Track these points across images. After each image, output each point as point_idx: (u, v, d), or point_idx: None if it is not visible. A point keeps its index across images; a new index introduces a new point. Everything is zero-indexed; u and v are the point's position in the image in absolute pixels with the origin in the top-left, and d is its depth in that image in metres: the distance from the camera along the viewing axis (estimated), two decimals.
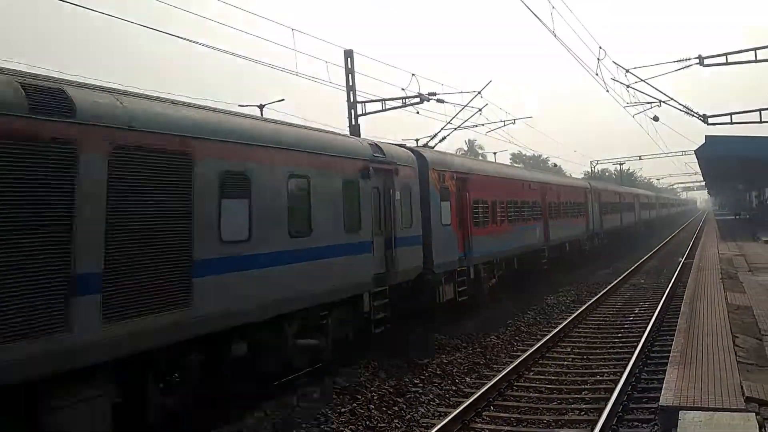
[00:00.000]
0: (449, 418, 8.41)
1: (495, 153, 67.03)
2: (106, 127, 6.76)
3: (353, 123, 26.07)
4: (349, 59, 25.42)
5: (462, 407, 8.79)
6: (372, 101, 26.64)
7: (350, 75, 25.36)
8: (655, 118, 29.76)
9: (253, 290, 8.63)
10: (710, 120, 26.76)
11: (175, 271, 7.42)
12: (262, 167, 9.02)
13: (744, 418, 5.69)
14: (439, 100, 26.63)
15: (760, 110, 26.64)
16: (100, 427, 6.64)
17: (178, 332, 7.45)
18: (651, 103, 27.87)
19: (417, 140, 31.91)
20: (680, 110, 26.22)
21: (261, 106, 26.03)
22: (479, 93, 27.64)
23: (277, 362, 9.76)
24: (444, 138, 30.38)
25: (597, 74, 23.59)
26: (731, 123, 27.19)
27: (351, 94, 25.58)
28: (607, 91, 25.09)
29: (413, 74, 24.55)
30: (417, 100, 25.86)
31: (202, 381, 8.35)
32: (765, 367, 7.72)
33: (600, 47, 23.30)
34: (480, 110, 29.84)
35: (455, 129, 30.45)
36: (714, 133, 36.41)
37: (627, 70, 25.57)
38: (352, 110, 26.03)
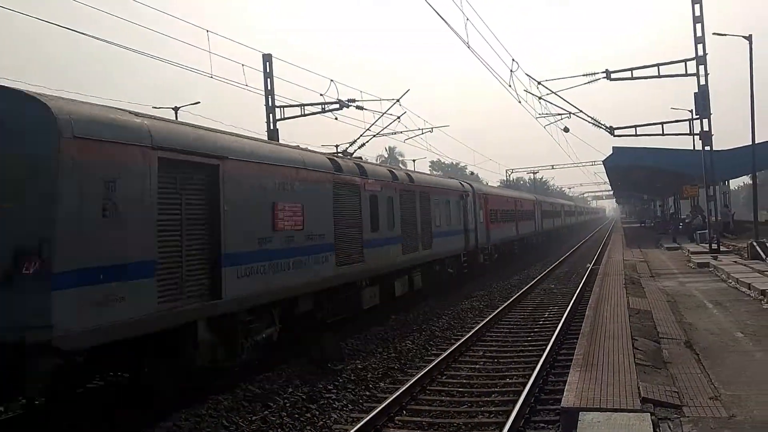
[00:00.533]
0: (361, 423, 8.44)
1: (414, 160, 67.92)
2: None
3: (272, 128, 25.90)
4: (267, 63, 25.24)
5: (374, 412, 8.83)
6: (291, 106, 26.54)
7: (269, 79, 25.19)
8: (566, 129, 30.92)
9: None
10: (616, 132, 28.02)
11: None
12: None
13: (639, 418, 5.97)
14: (358, 107, 26.77)
15: (662, 123, 28.08)
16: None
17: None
18: (561, 114, 28.91)
19: (336, 146, 31.98)
20: (588, 122, 27.33)
21: (176, 109, 25.44)
22: (398, 101, 27.91)
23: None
24: (363, 144, 30.58)
25: (510, 85, 24.30)
26: (636, 135, 28.52)
27: (269, 99, 25.41)
28: (520, 102, 25.90)
29: (332, 80, 24.60)
30: (336, 106, 25.95)
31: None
32: (661, 369, 8.12)
33: (513, 59, 24.01)
34: (398, 118, 30.14)
35: (374, 136, 30.66)
36: (623, 145, 38.16)
37: (539, 82, 26.48)
38: (271, 115, 25.85)
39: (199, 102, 25.94)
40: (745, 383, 7.33)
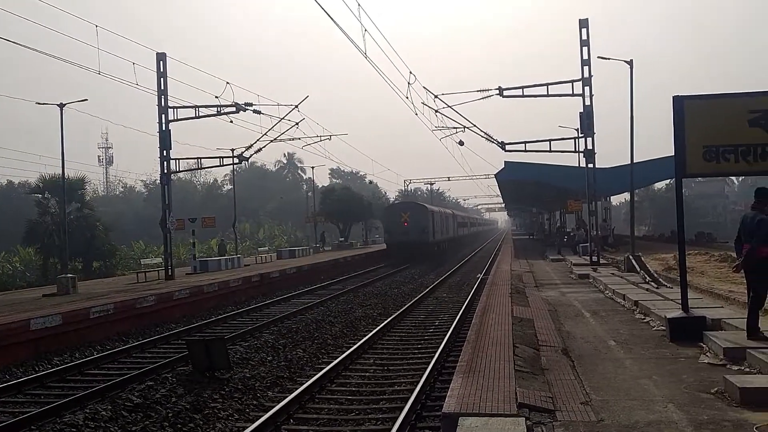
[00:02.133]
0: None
1: (313, 167, 67.74)
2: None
3: (164, 128, 25.13)
4: (161, 62, 24.49)
5: (260, 421, 8.73)
6: (184, 107, 25.88)
7: (162, 79, 24.44)
8: (461, 143, 31.73)
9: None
10: (507, 147, 29.06)
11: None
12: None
13: (514, 422, 6.20)
14: (255, 111, 26.49)
15: (550, 140, 29.36)
16: None
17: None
18: (456, 128, 29.68)
19: (233, 150, 31.50)
20: (482, 136, 28.21)
21: (61, 105, 24.19)
22: (296, 107, 27.89)
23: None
24: (260, 149, 30.33)
25: (407, 97, 24.74)
26: (525, 150, 29.68)
27: (162, 99, 24.64)
28: (416, 114, 26.43)
29: (228, 82, 24.20)
30: (232, 109, 25.53)
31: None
32: (538, 375, 8.47)
33: (411, 72, 24.47)
34: (297, 124, 30.14)
35: (272, 141, 30.46)
36: (514, 159, 39.60)
37: (435, 96, 27.11)
38: (163, 115, 25.08)
39: (86, 99, 24.73)
40: (615, 389, 7.77)
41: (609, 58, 24.95)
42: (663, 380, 8.05)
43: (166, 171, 27.09)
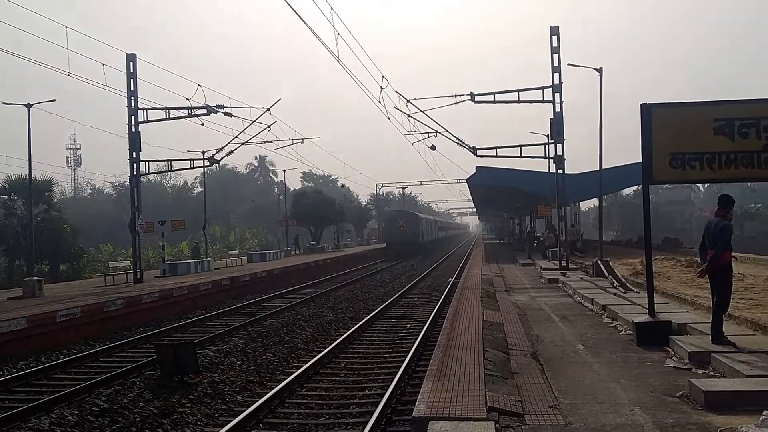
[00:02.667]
0: None
1: (285, 170, 67.55)
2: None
3: (133, 130, 24.86)
4: (131, 63, 24.23)
5: (229, 426, 8.66)
6: (155, 109, 25.62)
7: (132, 80, 24.18)
8: (433, 147, 31.89)
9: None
10: (479, 152, 29.27)
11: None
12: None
13: (484, 426, 6.25)
14: (227, 114, 26.33)
15: (521, 146, 29.64)
16: None
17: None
18: (429, 133, 29.82)
19: (203, 152, 31.26)
20: (454, 141, 28.38)
21: (28, 106, 23.81)
22: (268, 110, 27.79)
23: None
24: (231, 152, 30.13)
25: (380, 102, 24.79)
26: (497, 156, 29.92)
27: (132, 100, 24.38)
28: (389, 118, 26.50)
29: (199, 85, 24.03)
30: (203, 111, 25.35)
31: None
32: (508, 379, 8.54)
33: (383, 76, 24.52)
34: (269, 127, 30.00)
35: (243, 144, 30.30)
36: (486, 164, 39.89)
37: (408, 100, 27.22)
38: (133, 117, 24.82)
39: (54, 100, 24.44)
40: (583, 392, 7.87)
41: (579, 66, 25.27)
42: (630, 384, 8.18)
43: (135, 173, 26.78)
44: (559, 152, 27.55)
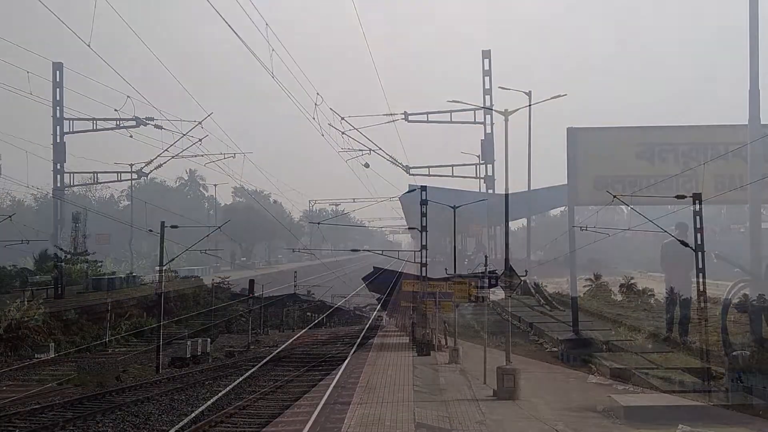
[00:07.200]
0: None
1: (216, 185, 66.28)
2: None
3: (58, 140, 24.04)
4: (57, 72, 23.48)
5: None
6: (81, 119, 24.83)
7: (58, 89, 23.41)
8: (366, 165, 32.00)
9: None
10: (412, 171, 29.62)
11: None
12: None
13: None
14: (157, 126, 25.74)
15: (452, 165, 30.17)
16: None
17: None
18: (362, 150, 29.98)
19: (131, 165, 30.43)
20: (387, 159, 28.65)
21: None
22: (200, 123, 27.30)
23: None
24: (161, 165, 29.42)
25: (314, 118, 24.81)
26: (429, 174, 30.33)
27: (57, 110, 23.60)
28: (322, 135, 26.55)
29: (128, 96, 23.43)
30: (133, 123, 24.72)
31: None
32: (436, 396, 8.62)
33: (318, 93, 24.56)
34: (200, 140, 29.44)
35: (173, 157, 29.64)
36: (419, 183, 40.31)
37: (342, 117, 27.30)
38: (58, 127, 24.00)
39: None
40: (509, 408, 8.00)
41: (509, 89, 25.85)
42: (554, 399, 8.39)
43: (59, 185, 25.82)
44: (489, 173, 28.11)
